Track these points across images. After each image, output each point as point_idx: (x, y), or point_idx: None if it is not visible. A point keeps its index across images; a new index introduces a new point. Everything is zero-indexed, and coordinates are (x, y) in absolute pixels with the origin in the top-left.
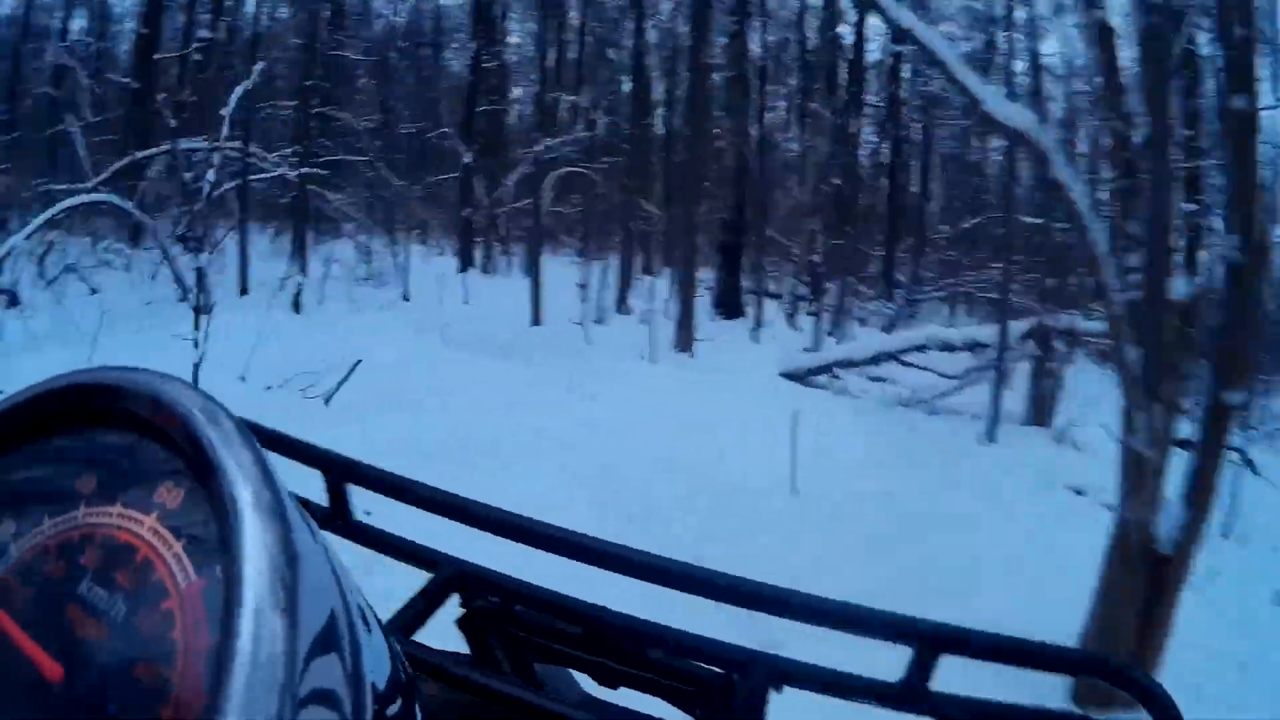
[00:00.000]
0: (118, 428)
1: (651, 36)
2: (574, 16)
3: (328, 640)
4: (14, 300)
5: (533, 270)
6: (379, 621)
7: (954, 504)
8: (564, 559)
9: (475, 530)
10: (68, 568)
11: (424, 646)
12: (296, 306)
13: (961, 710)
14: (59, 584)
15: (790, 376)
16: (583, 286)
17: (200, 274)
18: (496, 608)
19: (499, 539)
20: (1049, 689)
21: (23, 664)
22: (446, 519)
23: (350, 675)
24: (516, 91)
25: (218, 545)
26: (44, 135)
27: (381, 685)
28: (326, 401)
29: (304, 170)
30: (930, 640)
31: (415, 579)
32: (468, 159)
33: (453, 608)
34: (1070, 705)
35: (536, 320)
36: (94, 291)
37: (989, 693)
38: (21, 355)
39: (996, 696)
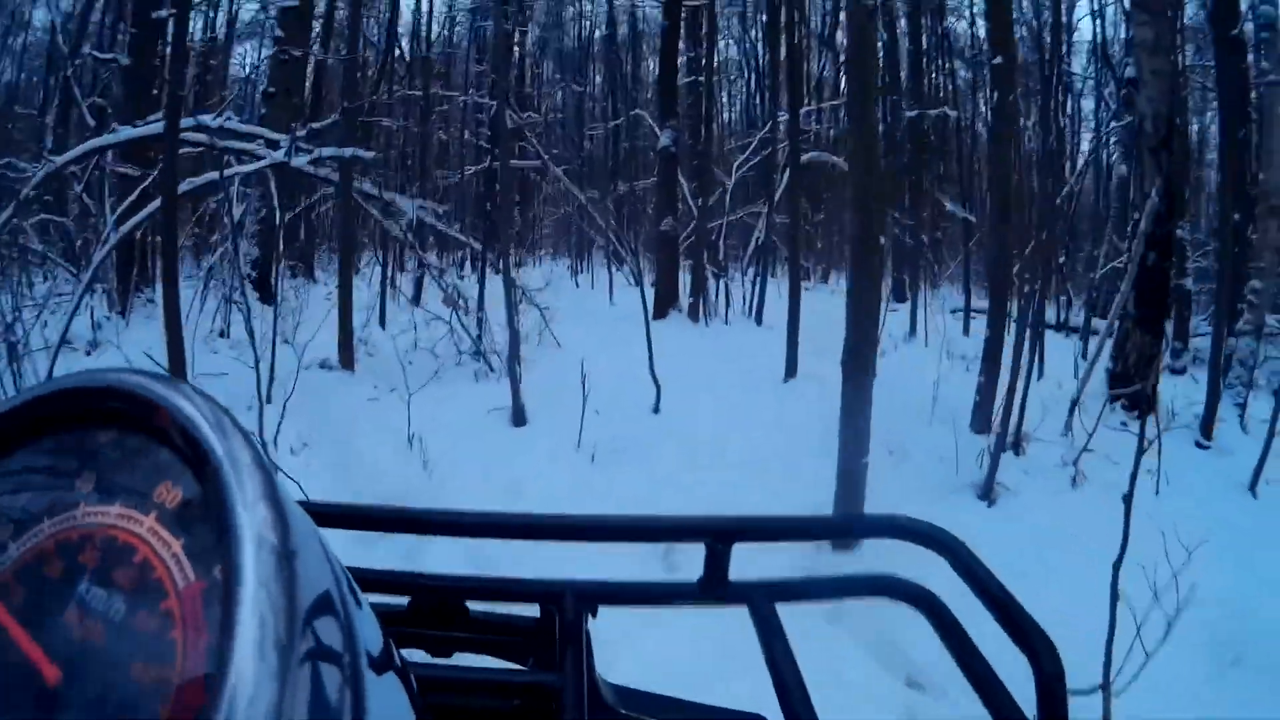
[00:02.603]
0: (116, 428)
1: None
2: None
3: (324, 640)
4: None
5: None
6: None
7: None
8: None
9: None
10: (67, 568)
11: None
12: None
13: (762, 592)
14: (58, 584)
15: None
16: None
17: None
18: None
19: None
20: None
21: (22, 664)
22: None
23: (347, 676)
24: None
25: (216, 545)
26: None
27: (377, 677)
28: None
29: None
30: (719, 534)
31: None
32: (666, 141)
33: None
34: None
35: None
36: None
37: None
38: None
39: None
